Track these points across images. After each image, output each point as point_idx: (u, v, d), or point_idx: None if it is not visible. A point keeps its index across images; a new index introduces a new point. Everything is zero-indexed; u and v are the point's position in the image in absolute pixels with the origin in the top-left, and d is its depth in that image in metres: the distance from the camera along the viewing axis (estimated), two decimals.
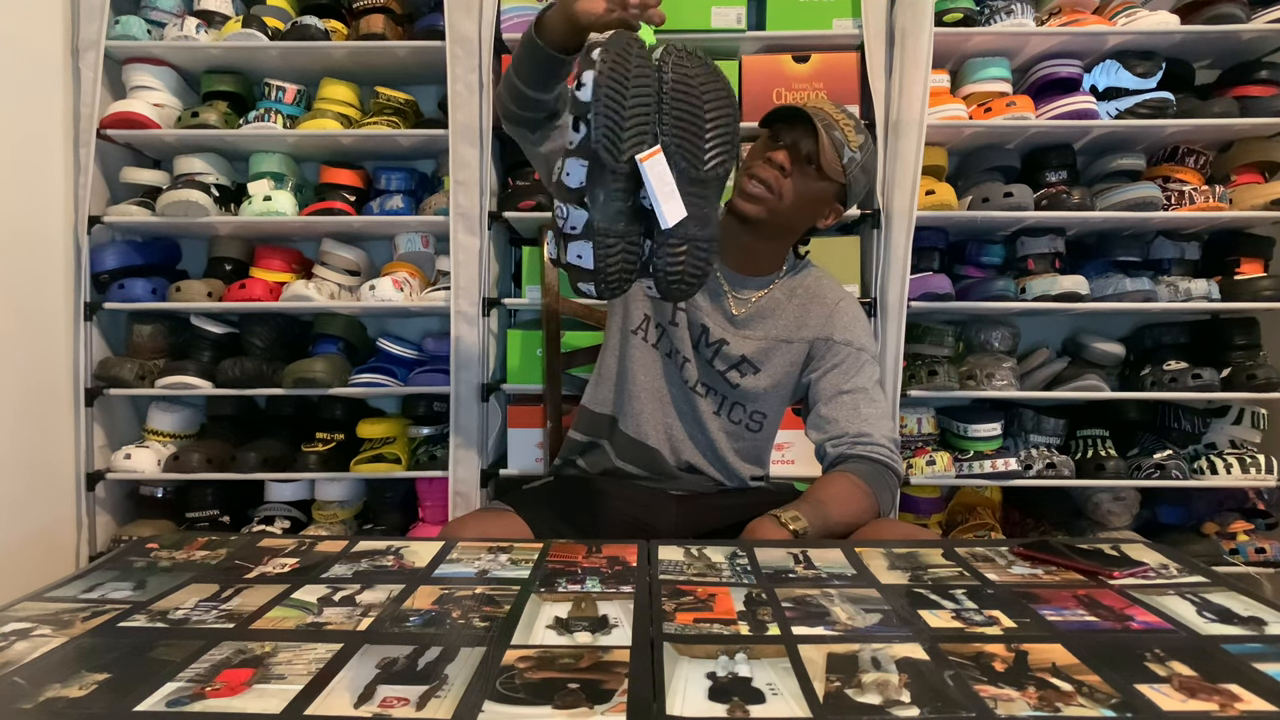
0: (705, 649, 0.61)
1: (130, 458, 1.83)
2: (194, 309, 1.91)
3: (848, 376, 1.17)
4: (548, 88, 1.02)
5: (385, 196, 1.92)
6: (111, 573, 0.81)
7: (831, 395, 1.16)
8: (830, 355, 1.19)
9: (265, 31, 1.82)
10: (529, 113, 1.05)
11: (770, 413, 1.24)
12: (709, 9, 1.83)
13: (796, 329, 1.21)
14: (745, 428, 1.23)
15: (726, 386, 1.21)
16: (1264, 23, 1.80)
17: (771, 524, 0.97)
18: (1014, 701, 0.53)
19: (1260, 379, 1.82)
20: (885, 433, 1.13)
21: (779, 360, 1.20)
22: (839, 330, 1.19)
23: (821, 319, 1.20)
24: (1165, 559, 0.85)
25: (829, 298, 1.22)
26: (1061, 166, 1.94)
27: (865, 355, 1.19)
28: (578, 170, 0.85)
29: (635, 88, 0.83)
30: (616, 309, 1.25)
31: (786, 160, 1.11)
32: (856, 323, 1.21)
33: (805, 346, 1.20)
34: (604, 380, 1.25)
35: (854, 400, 1.15)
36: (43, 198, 1.76)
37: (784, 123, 1.14)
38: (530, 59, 0.98)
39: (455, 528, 1.06)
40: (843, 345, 1.19)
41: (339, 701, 0.53)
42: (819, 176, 1.11)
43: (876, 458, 1.11)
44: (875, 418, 1.14)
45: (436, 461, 1.89)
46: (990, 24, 1.81)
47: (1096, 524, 1.92)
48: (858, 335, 1.20)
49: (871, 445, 1.11)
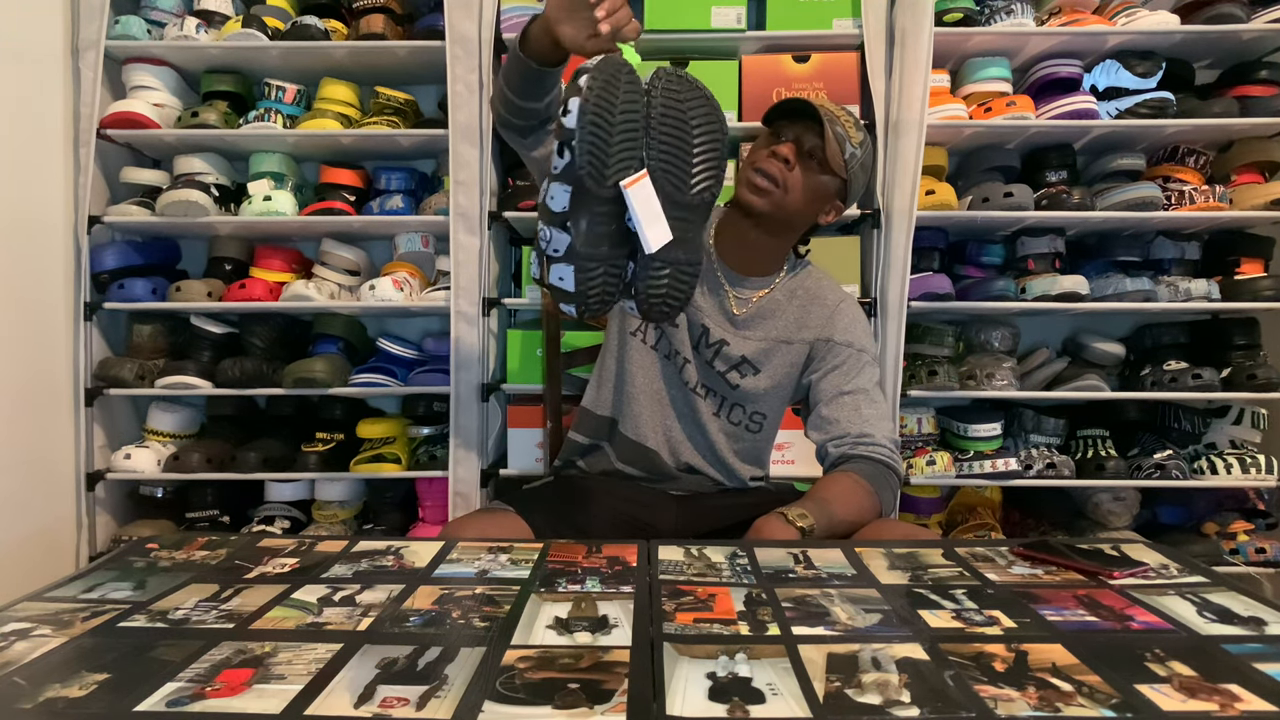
0: (705, 649, 0.61)
1: (130, 458, 1.83)
2: (194, 309, 1.91)
3: (849, 377, 1.17)
4: (537, 97, 1.02)
5: (385, 196, 1.92)
6: (111, 573, 0.81)
7: (833, 396, 1.17)
8: (831, 356, 1.19)
9: (265, 31, 1.82)
10: (521, 120, 1.05)
11: (770, 413, 1.24)
12: (709, 9, 1.83)
13: (797, 330, 1.21)
14: (745, 428, 1.23)
15: (726, 387, 1.21)
16: (1264, 23, 1.80)
17: (779, 521, 0.97)
18: (1014, 702, 0.53)
19: (1260, 379, 1.82)
20: (886, 433, 1.14)
21: (779, 361, 1.20)
22: (840, 331, 1.20)
23: (822, 320, 1.20)
24: (1165, 559, 0.85)
25: (829, 299, 1.22)
26: (1061, 166, 1.94)
27: (866, 356, 1.20)
28: (561, 195, 0.85)
29: (622, 114, 0.83)
30: (615, 311, 1.25)
31: (792, 153, 1.12)
32: (857, 324, 1.22)
33: (805, 348, 1.21)
34: (604, 382, 1.25)
35: (855, 401, 1.16)
36: (43, 198, 1.76)
37: (786, 119, 1.14)
38: (517, 71, 0.99)
39: (455, 528, 1.06)
40: (844, 346, 1.19)
41: (339, 701, 0.53)
42: (822, 171, 1.12)
43: (878, 458, 1.11)
44: (876, 418, 1.15)
45: (436, 461, 1.89)
46: (990, 24, 1.81)
47: (1096, 524, 1.92)
48: (858, 336, 1.21)
49: (873, 445, 1.12)
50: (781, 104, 1.15)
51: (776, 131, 1.15)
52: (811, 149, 1.11)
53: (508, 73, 1.01)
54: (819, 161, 1.11)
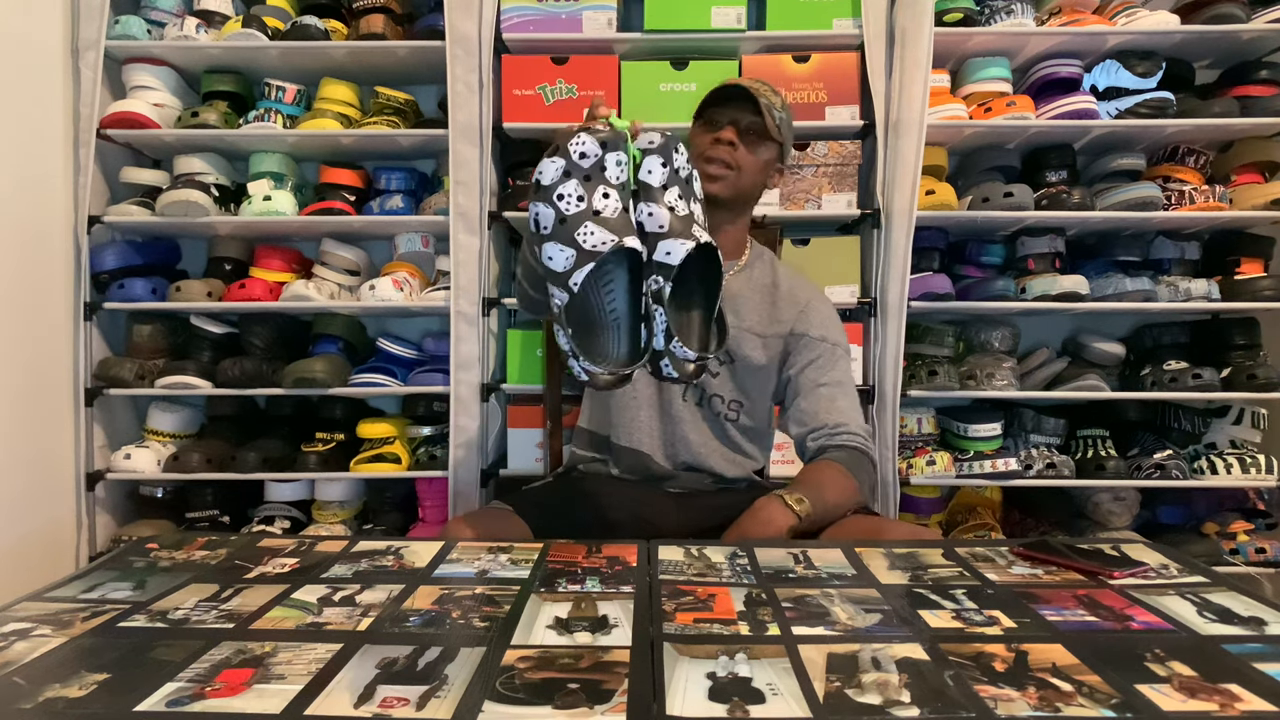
0: (705, 649, 0.61)
1: (130, 458, 1.83)
2: (194, 309, 1.91)
3: (824, 371, 1.23)
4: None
5: (385, 196, 1.92)
6: (111, 573, 0.81)
7: (809, 389, 1.22)
8: (808, 351, 1.24)
9: (265, 31, 1.82)
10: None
11: (747, 401, 1.27)
12: (709, 9, 1.83)
13: (769, 324, 1.25)
14: (725, 417, 1.26)
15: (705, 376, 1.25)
16: (1264, 23, 1.80)
17: (778, 504, 1.01)
18: (1014, 702, 0.53)
19: (1260, 379, 1.82)
20: (860, 422, 1.21)
21: (749, 350, 1.24)
22: (815, 327, 1.26)
23: (794, 315, 1.26)
24: (1165, 559, 0.85)
25: (800, 296, 1.28)
26: (1061, 166, 1.94)
27: (839, 350, 1.26)
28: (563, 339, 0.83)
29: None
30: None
31: (734, 135, 1.19)
32: (830, 319, 1.28)
33: (780, 343, 1.25)
34: (597, 398, 1.30)
35: (830, 393, 1.22)
36: (43, 198, 1.76)
37: (713, 105, 1.21)
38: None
39: (453, 528, 1.06)
40: (819, 341, 1.25)
41: (339, 701, 0.53)
42: (761, 142, 1.20)
43: (853, 445, 1.17)
44: (849, 409, 1.21)
45: (436, 461, 1.89)
46: (990, 24, 1.81)
47: (1096, 524, 1.92)
48: (831, 331, 1.26)
49: (847, 434, 1.18)
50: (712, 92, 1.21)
51: (709, 119, 1.21)
52: (748, 126, 1.18)
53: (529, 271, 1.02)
54: (756, 134, 1.19)
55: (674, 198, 0.83)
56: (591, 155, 0.80)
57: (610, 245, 0.78)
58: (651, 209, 0.82)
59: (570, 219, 0.79)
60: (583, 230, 0.78)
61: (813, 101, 1.85)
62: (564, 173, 0.80)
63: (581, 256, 0.79)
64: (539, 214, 0.81)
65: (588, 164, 0.80)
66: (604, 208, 0.80)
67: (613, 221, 0.79)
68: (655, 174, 0.83)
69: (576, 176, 0.80)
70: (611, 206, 0.80)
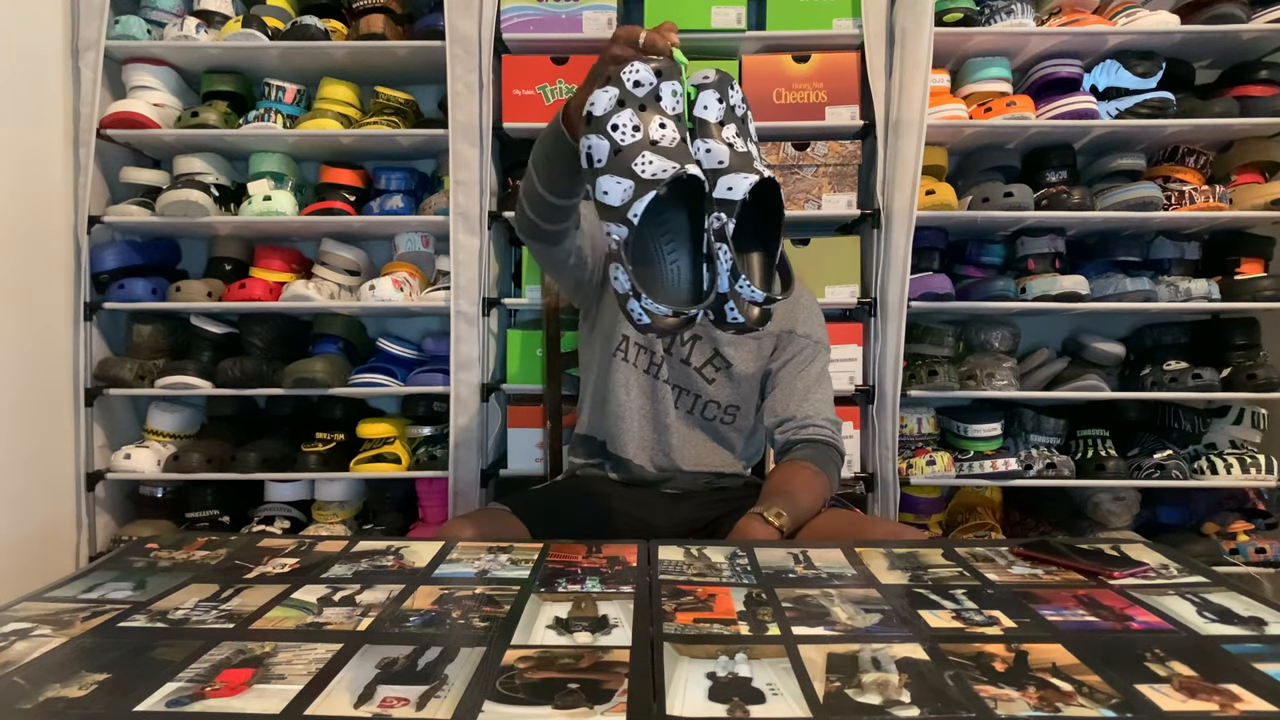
0: (705, 649, 0.61)
1: (130, 458, 1.83)
2: (194, 309, 1.91)
3: (803, 366, 1.27)
4: (574, 192, 0.99)
5: (385, 196, 1.92)
6: (111, 573, 0.81)
7: (787, 382, 1.26)
8: (792, 347, 1.28)
9: (265, 31, 1.82)
10: (554, 225, 1.04)
11: (743, 405, 1.29)
12: (709, 9, 1.83)
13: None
14: (720, 422, 1.29)
15: (701, 383, 1.27)
16: (1264, 23, 1.80)
17: (758, 522, 1.03)
18: (1014, 701, 0.53)
19: (1260, 379, 1.82)
20: (828, 415, 1.25)
21: (746, 354, 1.27)
22: (800, 324, 1.29)
23: (783, 313, 1.28)
24: (1165, 559, 0.85)
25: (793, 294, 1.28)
26: (1061, 166, 1.93)
27: (820, 347, 1.30)
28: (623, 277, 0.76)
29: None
30: (596, 338, 1.31)
31: None
32: (815, 317, 1.32)
33: (772, 340, 1.29)
34: (595, 406, 1.32)
35: (805, 388, 1.26)
36: (43, 198, 1.76)
37: None
38: (556, 157, 0.92)
39: (450, 529, 1.07)
40: (803, 338, 1.29)
41: (339, 701, 0.53)
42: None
43: (820, 439, 1.21)
44: (821, 402, 1.26)
45: (436, 461, 1.89)
46: (990, 24, 1.81)
47: (1096, 524, 1.92)
48: (815, 329, 1.30)
49: (814, 427, 1.22)
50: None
51: None
52: None
53: (543, 170, 0.96)
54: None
55: (731, 134, 0.79)
56: (646, 84, 0.76)
57: (671, 173, 0.72)
58: (710, 144, 0.77)
59: (626, 149, 0.74)
60: (640, 160, 0.73)
61: (813, 101, 1.85)
62: (618, 101, 0.75)
63: (640, 187, 0.73)
64: (591, 147, 0.75)
65: (642, 92, 0.76)
66: (661, 137, 0.74)
67: (672, 150, 0.74)
68: (711, 109, 0.79)
69: (631, 106, 0.75)
70: (669, 136, 0.75)
